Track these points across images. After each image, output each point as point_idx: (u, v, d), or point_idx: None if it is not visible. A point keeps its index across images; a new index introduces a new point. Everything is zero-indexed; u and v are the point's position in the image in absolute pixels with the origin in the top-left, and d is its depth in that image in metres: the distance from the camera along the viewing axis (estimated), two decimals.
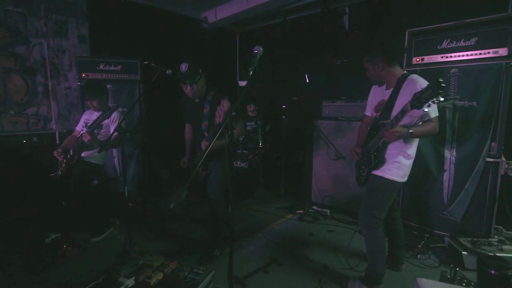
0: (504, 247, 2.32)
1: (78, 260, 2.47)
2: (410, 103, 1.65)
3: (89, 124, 2.82)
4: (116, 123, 2.84)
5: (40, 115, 3.71)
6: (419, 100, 1.58)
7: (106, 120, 2.78)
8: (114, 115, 2.83)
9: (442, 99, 1.52)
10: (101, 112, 2.80)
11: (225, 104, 2.21)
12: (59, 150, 2.82)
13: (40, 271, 2.27)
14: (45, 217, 3.29)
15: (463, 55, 2.59)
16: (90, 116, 2.94)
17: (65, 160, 2.82)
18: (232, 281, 1.41)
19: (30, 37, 3.55)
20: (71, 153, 2.81)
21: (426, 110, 1.62)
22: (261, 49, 1.50)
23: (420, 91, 1.59)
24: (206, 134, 2.29)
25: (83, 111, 3.26)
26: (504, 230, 2.77)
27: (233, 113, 1.40)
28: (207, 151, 1.30)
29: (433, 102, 1.54)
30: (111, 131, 2.84)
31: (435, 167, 2.74)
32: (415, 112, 1.82)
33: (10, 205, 3.14)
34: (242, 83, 1.70)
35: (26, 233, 2.94)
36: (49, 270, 2.29)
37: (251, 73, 1.48)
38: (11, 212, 3.16)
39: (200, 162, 1.28)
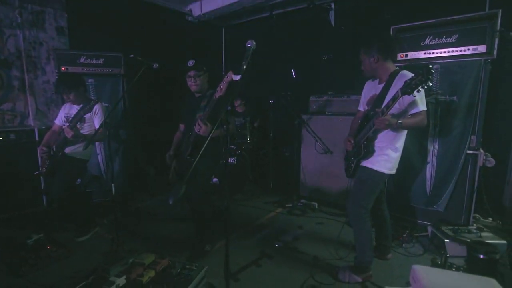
0: (483, 234, 2.45)
1: (64, 261, 2.39)
2: (401, 89, 1.74)
3: (70, 119, 2.71)
4: (99, 115, 2.75)
5: (17, 111, 3.51)
6: (409, 86, 1.68)
7: (88, 114, 2.68)
8: (96, 107, 2.74)
9: (430, 84, 1.65)
10: (81, 105, 2.70)
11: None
12: (44, 148, 2.71)
13: (23, 273, 2.17)
14: (27, 217, 3.15)
15: (444, 52, 2.68)
16: (70, 110, 2.82)
17: (47, 157, 2.71)
18: (229, 275, 1.42)
19: (3, 28, 3.34)
20: (54, 149, 2.70)
21: (415, 96, 1.74)
22: (254, 42, 1.51)
23: (411, 78, 1.70)
24: (199, 122, 2.23)
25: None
26: (481, 218, 2.95)
27: (228, 108, 1.39)
28: (208, 138, 1.30)
29: (422, 87, 1.66)
30: (95, 124, 2.75)
31: (418, 159, 2.85)
32: (405, 102, 1.89)
33: None
34: (236, 77, 1.67)
35: (6, 234, 2.80)
36: (33, 272, 2.20)
37: (244, 67, 1.47)
38: None
39: (203, 149, 1.26)
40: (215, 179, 3.92)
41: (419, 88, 1.66)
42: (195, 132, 2.28)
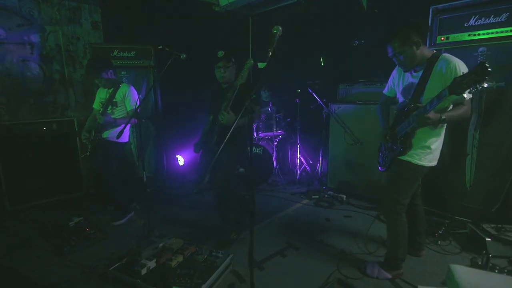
0: None
1: (101, 243, 2.55)
2: (449, 88, 1.50)
3: (104, 103, 2.84)
4: (130, 97, 2.80)
5: (58, 103, 3.77)
6: (459, 85, 1.43)
7: (119, 97, 2.78)
8: (124, 90, 2.80)
9: (486, 85, 1.37)
10: (113, 89, 2.79)
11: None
12: (85, 133, 2.89)
13: (65, 253, 2.35)
14: (68, 202, 3.41)
15: (492, 33, 2.44)
16: (103, 94, 2.94)
17: (89, 141, 2.89)
18: (253, 264, 1.42)
19: (44, 25, 3.56)
20: (93, 134, 2.86)
21: (466, 96, 1.48)
22: (280, 28, 1.46)
23: (462, 76, 1.44)
24: (222, 112, 2.26)
25: None
26: None
27: (253, 96, 1.36)
28: (232, 127, 1.29)
29: (476, 87, 1.39)
30: (127, 107, 2.84)
31: (458, 150, 2.64)
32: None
33: (33, 191, 3.26)
34: (261, 65, 1.68)
35: (50, 217, 3.05)
36: (73, 253, 2.38)
37: (270, 54, 1.43)
38: (35, 197, 3.28)
39: (227, 138, 1.27)
40: (241, 169, 3.95)
41: (471, 88, 1.40)
42: (220, 122, 2.29)
